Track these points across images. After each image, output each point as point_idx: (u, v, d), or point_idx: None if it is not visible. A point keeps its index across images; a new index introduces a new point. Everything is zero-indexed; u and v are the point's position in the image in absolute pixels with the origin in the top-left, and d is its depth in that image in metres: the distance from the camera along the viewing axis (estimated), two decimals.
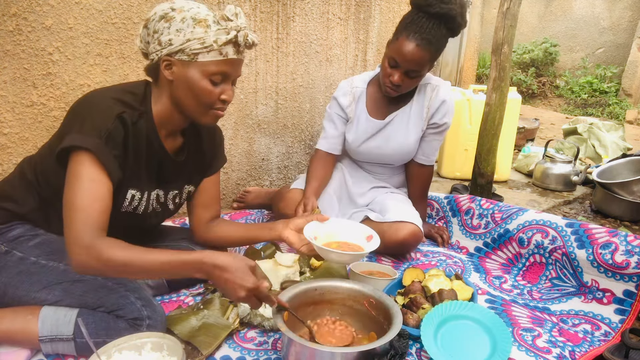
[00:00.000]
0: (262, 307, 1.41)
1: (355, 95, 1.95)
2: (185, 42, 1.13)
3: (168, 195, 1.39)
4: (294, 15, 2.32)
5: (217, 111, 1.25)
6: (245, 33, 1.17)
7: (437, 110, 1.91)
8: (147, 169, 1.28)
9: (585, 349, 1.40)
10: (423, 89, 1.93)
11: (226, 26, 1.16)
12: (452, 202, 2.18)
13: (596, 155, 3.63)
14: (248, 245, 1.74)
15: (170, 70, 1.18)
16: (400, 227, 1.82)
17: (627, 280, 1.56)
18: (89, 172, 1.10)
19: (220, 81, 1.20)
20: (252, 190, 2.36)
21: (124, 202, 1.26)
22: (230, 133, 2.27)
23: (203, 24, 1.14)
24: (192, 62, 1.16)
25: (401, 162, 2.05)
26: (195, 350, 1.28)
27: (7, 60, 1.61)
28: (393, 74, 1.76)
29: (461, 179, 3.03)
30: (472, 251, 2.01)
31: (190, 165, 1.42)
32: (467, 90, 3.07)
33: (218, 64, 1.17)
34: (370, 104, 1.96)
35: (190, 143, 1.40)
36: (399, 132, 1.94)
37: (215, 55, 1.15)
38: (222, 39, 1.14)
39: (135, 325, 1.20)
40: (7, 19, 1.57)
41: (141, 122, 1.22)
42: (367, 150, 1.98)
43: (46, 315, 1.21)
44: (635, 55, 6.05)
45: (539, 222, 1.83)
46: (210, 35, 1.14)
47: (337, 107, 1.96)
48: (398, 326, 1.18)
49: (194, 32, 1.13)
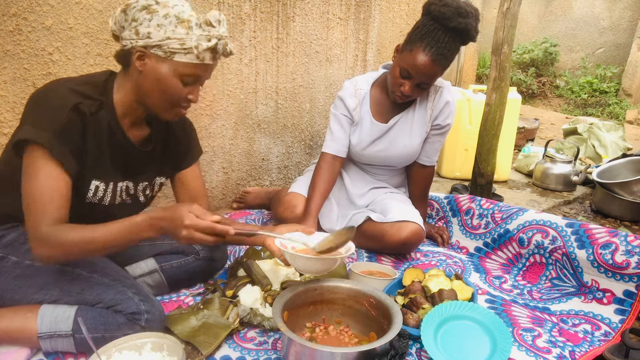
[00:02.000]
0: (263, 307, 1.41)
1: (359, 98, 1.92)
2: (165, 40, 1.12)
3: (138, 187, 1.37)
4: (294, 15, 2.32)
5: (181, 109, 1.25)
6: (225, 42, 1.18)
7: (441, 111, 1.90)
8: (112, 160, 1.26)
9: (585, 349, 1.40)
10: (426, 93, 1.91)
11: (209, 32, 1.15)
12: (452, 202, 2.18)
13: (596, 155, 3.62)
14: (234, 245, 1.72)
15: (143, 61, 1.16)
16: (403, 226, 1.82)
17: (627, 280, 1.56)
18: (44, 166, 1.10)
19: (191, 82, 1.20)
20: (251, 190, 2.36)
21: (88, 192, 1.24)
22: (230, 133, 2.27)
23: (185, 25, 1.13)
24: (167, 59, 1.14)
25: (404, 165, 2.04)
26: (195, 350, 1.28)
27: (7, 60, 1.61)
28: (404, 84, 1.72)
29: (461, 179, 3.03)
30: (472, 251, 2.01)
31: (160, 156, 1.40)
32: (467, 90, 3.07)
33: (193, 67, 1.17)
34: (374, 107, 1.93)
35: (159, 133, 1.38)
36: (403, 135, 1.92)
37: (192, 58, 1.15)
38: (203, 45, 1.14)
39: (133, 319, 1.20)
40: (7, 19, 1.57)
41: (101, 112, 1.20)
42: (371, 154, 1.97)
43: (45, 312, 1.21)
44: (635, 55, 6.04)
45: (539, 222, 1.83)
46: (191, 38, 1.13)
47: (344, 108, 1.91)
48: (398, 326, 1.18)
49: (175, 31, 1.12)
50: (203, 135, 2.17)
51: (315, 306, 1.37)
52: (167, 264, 1.53)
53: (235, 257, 1.78)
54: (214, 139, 2.22)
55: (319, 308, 1.38)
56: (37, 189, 1.10)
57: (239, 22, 2.14)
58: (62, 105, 1.12)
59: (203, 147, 2.19)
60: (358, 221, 1.93)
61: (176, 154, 1.44)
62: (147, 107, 1.24)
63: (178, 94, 1.19)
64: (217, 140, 2.23)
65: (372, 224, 1.90)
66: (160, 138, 1.39)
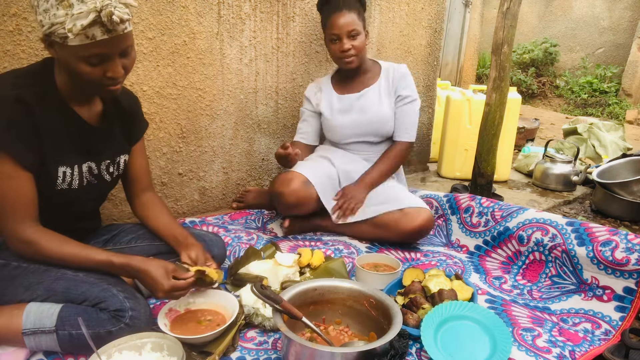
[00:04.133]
0: (263, 307, 1.41)
1: (320, 86, 2.18)
2: (52, 27, 1.06)
3: (101, 166, 1.36)
4: (294, 15, 2.32)
5: (109, 87, 1.18)
6: (108, 12, 1.04)
7: (399, 82, 2.10)
8: (70, 143, 1.25)
9: (585, 349, 1.40)
10: (386, 69, 2.14)
11: (86, 7, 1.03)
12: (451, 200, 2.18)
13: (596, 155, 3.63)
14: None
15: (51, 49, 1.12)
16: (415, 214, 1.89)
17: (627, 277, 1.56)
18: (2, 169, 1.12)
19: (98, 62, 1.11)
20: (252, 190, 2.36)
21: (57, 180, 1.24)
22: (230, 133, 2.28)
23: (65, 4, 1.04)
24: (63, 45, 1.08)
25: (381, 135, 2.13)
26: (203, 353, 1.28)
27: (7, 60, 1.61)
28: (340, 46, 1.96)
29: (461, 179, 3.03)
30: (472, 249, 2.01)
31: (117, 133, 1.38)
32: (467, 90, 3.07)
33: (88, 47, 1.07)
34: (339, 86, 2.16)
35: (110, 109, 1.36)
36: (373, 103, 2.09)
37: (82, 39, 1.06)
38: (80, 24, 1.03)
39: (117, 316, 1.19)
40: (7, 19, 1.57)
41: (48, 98, 1.18)
42: (345, 124, 2.11)
43: (31, 309, 1.21)
44: (635, 55, 6.05)
45: (539, 220, 1.83)
46: (70, 19, 1.04)
47: (306, 102, 2.19)
48: (398, 326, 1.18)
49: (57, 14, 1.04)
50: (203, 135, 2.18)
51: (315, 306, 1.37)
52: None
53: (235, 257, 1.78)
54: (214, 139, 2.22)
55: (319, 308, 1.38)
56: (2, 192, 1.13)
57: (239, 22, 2.14)
58: (4, 101, 1.10)
59: (203, 147, 2.20)
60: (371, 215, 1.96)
61: (129, 128, 1.44)
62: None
63: (90, 76, 1.12)
64: (217, 140, 2.23)
65: (383, 215, 1.95)
66: (114, 114, 1.37)
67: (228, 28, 2.11)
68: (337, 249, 1.94)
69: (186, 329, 1.32)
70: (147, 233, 1.55)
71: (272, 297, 1.19)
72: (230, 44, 2.14)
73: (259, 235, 2.03)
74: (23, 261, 1.24)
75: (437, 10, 2.90)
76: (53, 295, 1.22)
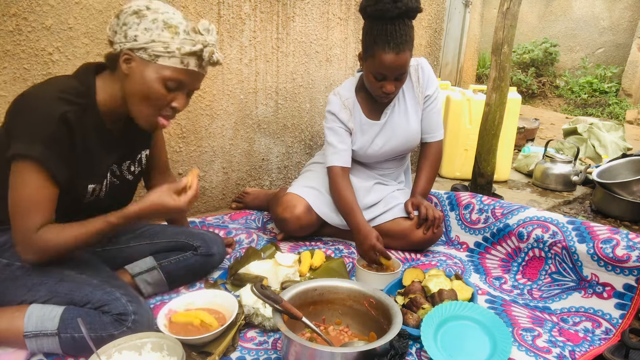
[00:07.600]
0: (263, 307, 1.41)
1: (349, 108, 1.92)
2: (150, 42, 1.14)
3: (122, 167, 1.39)
4: (294, 15, 2.32)
5: (163, 119, 1.25)
6: (211, 50, 1.19)
7: (427, 83, 1.95)
8: (100, 159, 1.29)
9: (585, 349, 1.40)
10: (409, 73, 1.93)
11: (194, 38, 1.17)
12: (451, 197, 2.18)
13: (596, 155, 3.63)
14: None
15: (129, 64, 1.18)
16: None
17: (627, 273, 1.55)
18: (35, 180, 1.13)
19: (174, 88, 1.20)
20: (251, 191, 2.36)
21: (86, 195, 1.28)
22: (230, 133, 2.28)
23: (172, 30, 1.15)
24: (151, 62, 1.16)
25: (410, 149, 2.05)
26: (202, 353, 1.28)
27: (7, 60, 1.61)
28: (384, 85, 1.75)
29: (461, 179, 3.03)
30: (472, 246, 2.01)
31: (136, 132, 1.38)
32: (467, 90, 3.07)
33: (176, 71, 1.18)
34: (365, 108, 1.95)
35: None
36: (400, 123, 1.95)
37: (175, 62, 1.16)
38: (186, 48, 1.16)
39: (120, 320, 1.19)
40: (7, 19, 1.57)
41: (88, 117, 1.20)
42: (375, 151, 1.98)
43: (32, 311, 1.21)
44: (635, 55, 6.05)
45: (540, 217, 1.83)
46: (175, 42, 1.15)
47: (338, 121, 1.92)
48: (398, 326, 1.17)
49: (161, 35, 1.14)
50: (203, 135, 2.17)
51: (315, 306, 1.37)
52: (166, 261, 1.53)
53: (236, 257, 1.78)
54: (214, 139, 2.22)
55: (319, 308, 1.38)
56: (26, 198, 1.13)
57: (239, 22, 2.14)
58: (51, 116, 1.12)
59: (203, 147, 2.21)
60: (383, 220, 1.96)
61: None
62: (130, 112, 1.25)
63: (160, 98, 1.20)
64: (217, 140, 2.24)
65: (395, 222, 1.94)
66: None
67: (228, 28, 2.11)
68: (337, 249, 1.94)
69: (186, 329, 1.32)
70: (145, 232, 1.57)
71: (272, 297, 1.19)
72: (230, 44, 2.14)
73: (259, 235, 2.03)
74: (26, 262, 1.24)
75: (437, 10, 2.90)
76: (56, 297, 1.22)
